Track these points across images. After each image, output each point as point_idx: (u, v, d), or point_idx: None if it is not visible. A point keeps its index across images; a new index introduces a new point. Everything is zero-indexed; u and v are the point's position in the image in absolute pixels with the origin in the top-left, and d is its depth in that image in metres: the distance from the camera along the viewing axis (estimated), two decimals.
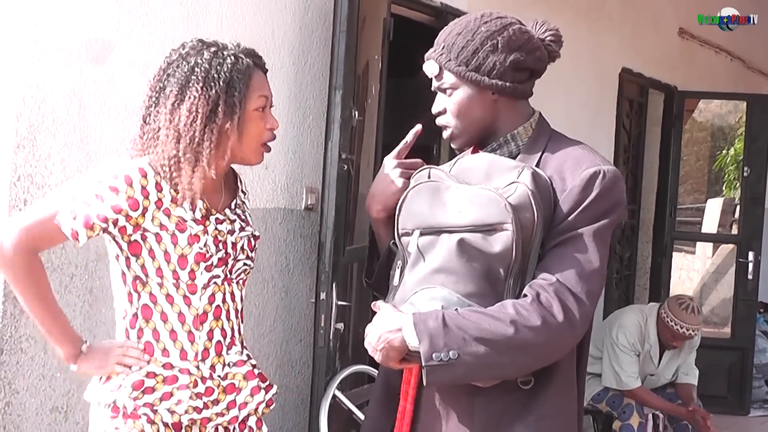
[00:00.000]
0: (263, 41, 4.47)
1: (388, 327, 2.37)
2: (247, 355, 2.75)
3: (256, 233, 2.76)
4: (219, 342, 2.65)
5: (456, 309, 2.33)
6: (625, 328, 6.13)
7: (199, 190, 2.53)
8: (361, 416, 4.53)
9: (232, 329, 2.69)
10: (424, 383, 2.35)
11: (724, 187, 14.25)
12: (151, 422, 2.55)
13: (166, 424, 2.57)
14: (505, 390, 2.41)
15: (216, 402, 2.62)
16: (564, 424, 2.49)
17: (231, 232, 2.64)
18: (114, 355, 2.58)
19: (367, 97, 5.08)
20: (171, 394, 2.56)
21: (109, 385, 2.59)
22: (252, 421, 2.74)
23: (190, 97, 2.51)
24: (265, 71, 2.70)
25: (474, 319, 2.30)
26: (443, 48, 2.52)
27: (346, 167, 4.67)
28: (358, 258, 4.98)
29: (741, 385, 8.63)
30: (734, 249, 9.17)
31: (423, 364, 2.30)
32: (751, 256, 8.72)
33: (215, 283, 2.62)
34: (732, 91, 10.05)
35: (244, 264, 2.71)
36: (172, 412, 2.55)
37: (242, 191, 2.80)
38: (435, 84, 2.56)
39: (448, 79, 2.51)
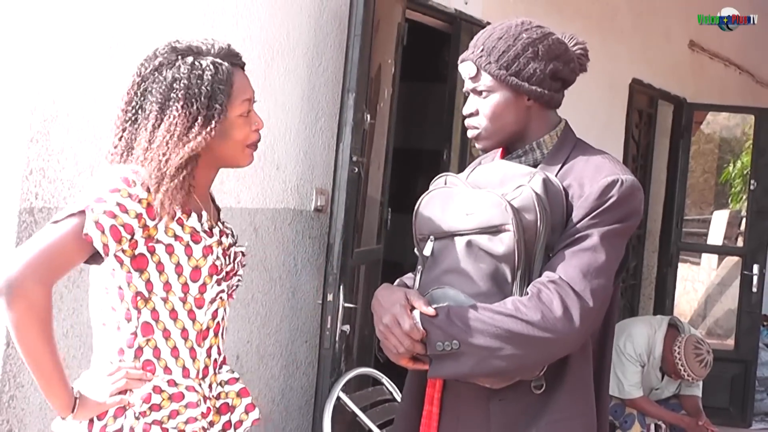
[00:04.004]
0: (278, 42, 4.49)
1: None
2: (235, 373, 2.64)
3: (245, 251, 2.65)
4: (215, 360, 2.52)
5: None
6: (633, 338, 6.12)
7: (171, 208, 2.35)
8: (365, 419, 4.54)
9: (223, 347, 2.57)
10: (428, 375, 2.42)
11: (730, 200, 14.23)
12: None
13: None
14: (519, 395, 2.45)
15: (212, 424, 2.48)
16: (579, 427, 2.49)
17: (230, 245, 2.55)
18: (110, 386, 2.36)
19: (380, 101, 5.09)
20: (178, 413, 2.39)
21: (108, 415, 2.37)
22: None
23: (170, 117, 2.36)
24: (244, 66, 2.53)
25: (475, 314, 2.35)
26: (482, 50, 2.53)
27: (356, 170, 4.67)
28: (365, 260, 4.99)
29: (743, 397, 8.62)
30: (739, 261, 9.14)
31: (428, 352, 2.36)
32: (755, 268, 8.72)
33: (221, 297, 2.50)
34: (740, 104, 10.05)
35: (238, 280, 2.61)
36: None
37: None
38: (469, 85, 2.57)
39: (486, 81, 2.53)
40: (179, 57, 2.42)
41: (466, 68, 2.57)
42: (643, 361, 6.13)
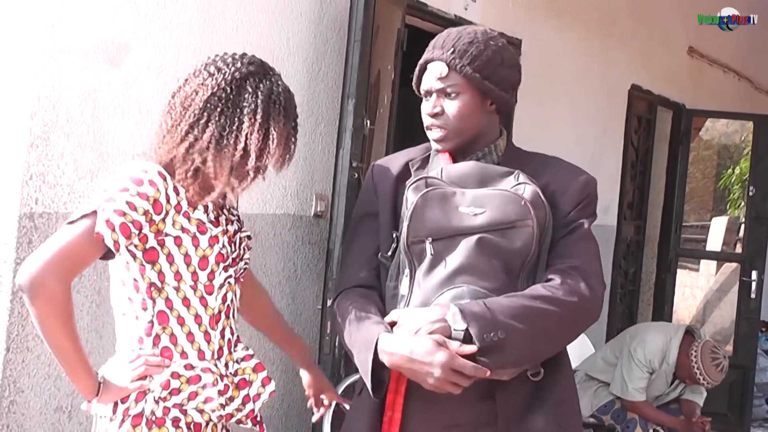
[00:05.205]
0: (278, 48, 4.49)
1: (429, 319, 2.43)
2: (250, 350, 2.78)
3: (251, 234, 2.80)
4: (229, 340, 2.66)
5: None
6: (646, 344, 6.10)
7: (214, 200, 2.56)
8: None
9: (235, 327, 2.72)
10: (481, 373, 2.39)
11: (728, 206, 14.24)
12: (177, 426, 2.52)
13: (189, 425, 2.54)
14: (518, 383, 2.52)
15: (231, 399, 2.62)
16: (575, 407, 2.66)
17: (236, 231, 2.67)
18: (131, 372, 2.52)
19: (379, 107, 5.09)
20: (197, 394, 2.54)
21: (130, 399, 2.52)
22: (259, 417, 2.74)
23: (275, 126, 2.55)
24: None
25: (515, 302, 2.42)
26: (453, 52, 2.62)
27: (356, 175, 4.68)
28: None
29: (741, 403, 8.61)
30: (737, 267, 9.15)
31: (477, 345, 2.36)
32: (754, 275, 8.72)
33: (229, 282, 2.63)
34: (739, 110, 10.07)
35: (245, 263, 2.74)
36: (201, 411, 2.54)
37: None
38: (436, 85, 2.65)
39: (457, 82, 2.62)
40: (273, 73, 2.61)
41: (435, 68, 2.65)
42: (652, 368, 6.11)
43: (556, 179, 2.60)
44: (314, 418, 3.20)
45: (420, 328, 2.41)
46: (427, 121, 2.68)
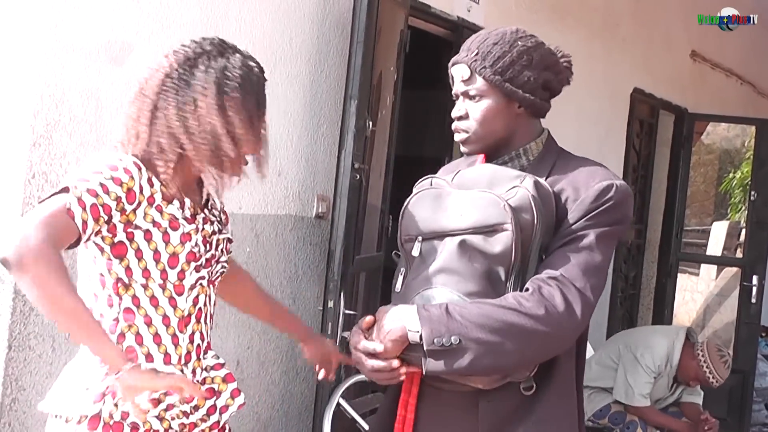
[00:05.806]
0: (281, 48, 4.49)
1: (390, 318, 2.41)
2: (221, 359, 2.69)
3: (231, 237, 2.71)
4: (198, 345, 2.56)
5: None
6: (653, 349, 6.10)
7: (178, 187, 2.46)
8: (365, 425, 4.54)
9: (208, 333, 2.61)
10: (423, 371, 2.37)
11: (729, 210, 14.25)
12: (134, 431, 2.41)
13: None
14: (508, 396, 2.45)
15: (196, 408, 2.52)
16: (566, 426, 2.53)
17: (214, 232, 2.59)
18: (163, 380, 2.33)
19: (382, 108, 5.10)
20: (159, 401, 2.41)
21: (86, 396, 2.38)
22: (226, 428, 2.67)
23: (230, 102, 2.45)
24: None
25: (476, 308, 2.34)
26: (477, 54, 2.55)
27: (358, 177, 4.68)
28: (366, 267, 4.99)
29: (741, 407, 8.62)
30: (738, 272, 9.15)
31: (424, 347, 2.33)
32: (755, 279, 8.72)
33: (201, 284, 2.54)
34: (741, 114, 10.07)
35: (222, 267, 2.65)
36: (161, 419, 2.44)
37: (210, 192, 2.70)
38: (461, 88, 2.59)
39: (479, 85, 2.55)
40: (228, 50, 2.51)
41: (458, 71, 2.59)
42: (659, 372, 6.12)
43: (573, 185, 2.49)
44: (320, 376, 3.10)
45: (383, 326, 2.40)
46: (453, 124, 2.63)
